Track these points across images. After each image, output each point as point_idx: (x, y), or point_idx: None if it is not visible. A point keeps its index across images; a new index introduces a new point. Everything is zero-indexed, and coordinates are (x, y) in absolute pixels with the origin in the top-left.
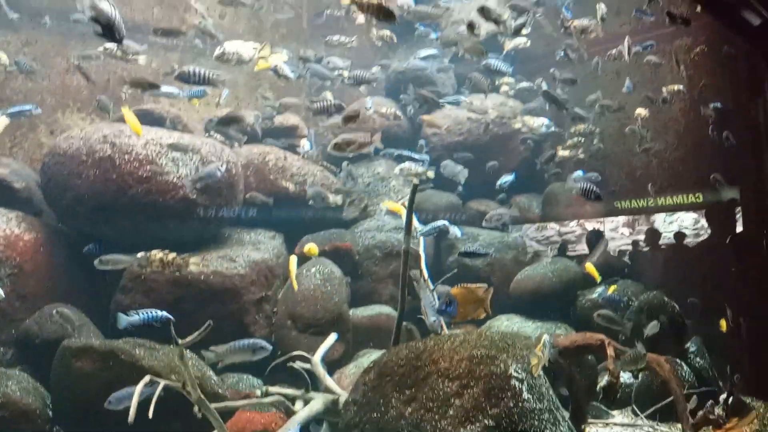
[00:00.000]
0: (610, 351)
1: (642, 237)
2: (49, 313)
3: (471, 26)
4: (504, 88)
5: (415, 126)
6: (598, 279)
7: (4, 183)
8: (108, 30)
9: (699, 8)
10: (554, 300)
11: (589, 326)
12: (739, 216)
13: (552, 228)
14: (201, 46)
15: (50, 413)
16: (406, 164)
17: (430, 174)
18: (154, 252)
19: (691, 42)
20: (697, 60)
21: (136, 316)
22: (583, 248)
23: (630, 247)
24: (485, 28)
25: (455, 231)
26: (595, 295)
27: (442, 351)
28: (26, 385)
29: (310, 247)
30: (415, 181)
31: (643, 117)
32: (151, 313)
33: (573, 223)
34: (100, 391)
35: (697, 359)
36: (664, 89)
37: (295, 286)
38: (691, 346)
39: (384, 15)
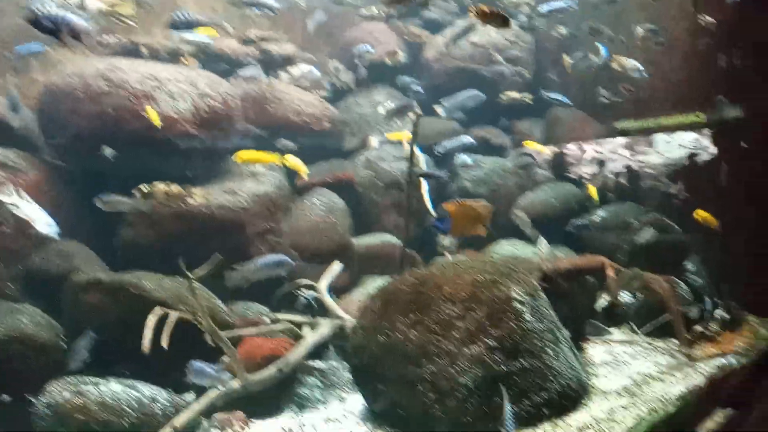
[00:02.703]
0: (610, 272)
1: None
2: (54, 249)
3: None
4: None
5: (415, 54)
6: (597, 201)
7: (2, 122)
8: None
9: None
10: (556, 224)
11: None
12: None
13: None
14: None
15: (64, 346)
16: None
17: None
18: (156, 183)
19: None
20: None
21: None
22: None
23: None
24: None
25: (464, 158)
26: (594, 218)
27: (446, 277)
28: (39, 319)
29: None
30: (418, 111)
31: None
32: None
33: (571, 145)
34: (110, 324)
35: (695, 278)
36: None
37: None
38: (690, 265)
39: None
